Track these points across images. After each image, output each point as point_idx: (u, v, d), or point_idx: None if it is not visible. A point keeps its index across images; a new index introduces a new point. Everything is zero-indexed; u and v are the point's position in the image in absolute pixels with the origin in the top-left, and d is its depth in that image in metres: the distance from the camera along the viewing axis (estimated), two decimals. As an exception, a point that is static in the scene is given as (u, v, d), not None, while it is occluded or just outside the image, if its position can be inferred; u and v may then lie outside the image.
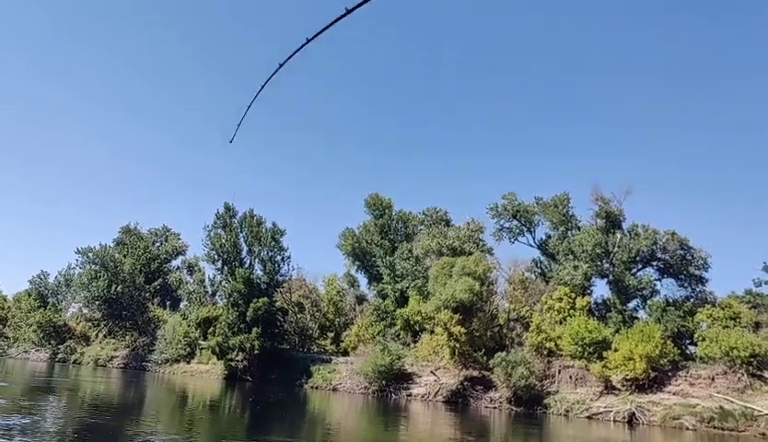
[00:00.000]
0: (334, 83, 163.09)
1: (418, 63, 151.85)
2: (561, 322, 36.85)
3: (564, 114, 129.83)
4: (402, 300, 47.78)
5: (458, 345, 35.37)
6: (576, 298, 37.74)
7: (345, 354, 47.04)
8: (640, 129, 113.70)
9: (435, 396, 36.35)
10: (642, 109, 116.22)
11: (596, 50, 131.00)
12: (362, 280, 58.61)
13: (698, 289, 39.19)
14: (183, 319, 57.14)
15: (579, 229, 43.00)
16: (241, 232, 51.47)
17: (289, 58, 3.77)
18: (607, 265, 39.45)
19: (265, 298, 46.14)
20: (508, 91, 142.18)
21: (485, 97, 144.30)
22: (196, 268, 69.58)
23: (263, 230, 50.84)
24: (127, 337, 61.90)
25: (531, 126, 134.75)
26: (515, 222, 46.82)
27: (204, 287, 63.08)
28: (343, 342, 49.84)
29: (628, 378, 30.89)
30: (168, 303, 69.61)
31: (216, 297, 60.89)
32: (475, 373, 36.05)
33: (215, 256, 51.24)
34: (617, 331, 34.51)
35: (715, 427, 26.93)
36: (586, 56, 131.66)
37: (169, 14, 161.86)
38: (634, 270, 40.04)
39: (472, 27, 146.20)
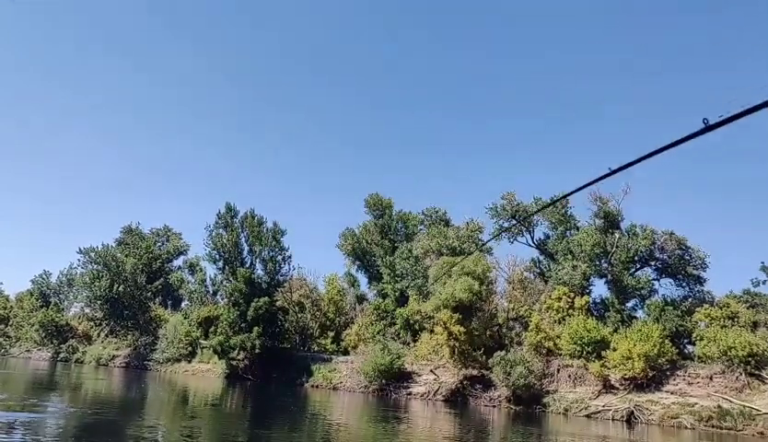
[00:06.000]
0: (335, 82, 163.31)
1: (418, 62, 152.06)
2: (560, 322, 37.03)
3: (563, 114, 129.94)
4: (402, 300, 47.99)
5: (457, 344, 35.53)
6: (574, 298, 37.90)
7: (346, 353, 47.22)
8: (638, 127, 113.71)
9: (434, 395, 36.54)
10: (641, 107, 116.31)
11: (596, 48, 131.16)
12: (362, 280, 58.83)
13: (696, 289, 39.34)
14: (185, 318, 57.43)
15: (578, 229, 43.20)
16: (242, 232, 51.59)
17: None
18: (605, 265, 39.63)
19: (266, 298, 46.34)
20: (509, 90, 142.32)
21: (486, 96, 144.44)
22: (197, 268, 69.77)
23: (264, 230, 51.00)
24: (129, 336, 62.21)
25: (531, 125, 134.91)
26: (514, 222, 46.94)
27: (206, 287, 63.31)
28: (343, 341, 50.01)
29: (627, 377, 30.98)
30: (169, 302, 69.86)
31: (217, 297, 61.11)
32: (474, 372, 36.22)
33: (217, 256, 51.41)
34: (615, 331, 34.65)
35: (713, 426, 27.01)
36: (585, 55, 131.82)
37: (171, 15, 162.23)
38: (633, 270, 40.20)
39: (473, 26, 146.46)
